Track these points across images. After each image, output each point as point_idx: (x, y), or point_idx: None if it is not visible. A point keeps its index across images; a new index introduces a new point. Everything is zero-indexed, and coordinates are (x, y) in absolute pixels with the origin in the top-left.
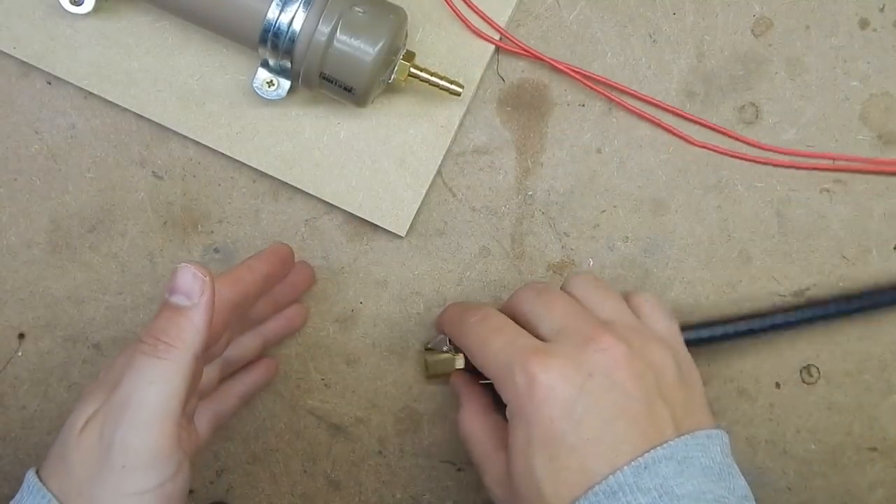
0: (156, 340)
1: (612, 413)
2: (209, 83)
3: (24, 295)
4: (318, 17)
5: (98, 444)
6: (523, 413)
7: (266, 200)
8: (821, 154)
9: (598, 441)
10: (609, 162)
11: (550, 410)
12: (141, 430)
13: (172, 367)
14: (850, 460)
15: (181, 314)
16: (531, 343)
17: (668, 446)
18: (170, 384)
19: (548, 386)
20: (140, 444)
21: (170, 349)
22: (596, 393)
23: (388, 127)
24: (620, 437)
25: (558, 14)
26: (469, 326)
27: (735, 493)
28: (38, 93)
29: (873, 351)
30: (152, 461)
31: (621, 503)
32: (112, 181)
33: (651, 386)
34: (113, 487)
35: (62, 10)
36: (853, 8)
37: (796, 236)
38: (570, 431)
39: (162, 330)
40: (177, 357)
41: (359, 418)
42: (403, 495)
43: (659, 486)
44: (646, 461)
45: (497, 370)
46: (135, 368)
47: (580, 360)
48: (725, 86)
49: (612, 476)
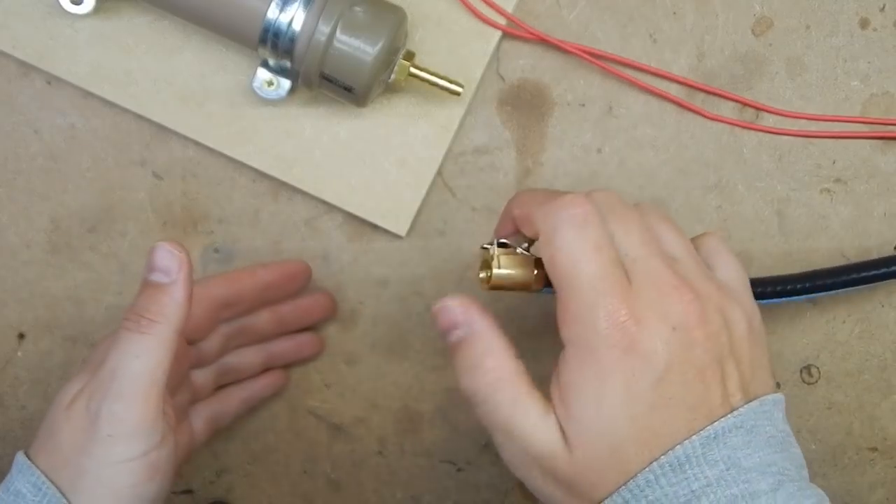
0: (138, 317)
1: (692, 373)
2: (209, 83)
3: (24, 295)
4: (318, 16)
5: (85, 416)
6: (598, 361)
7: (266, 200)
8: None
9: (678, 401)
10: (609, 162)
11: (634, 364)
12: (126, 400)
13: (155, 340)
14: (850, 460)
15: (161, 290)
16: (623, 283)
17: (739, 415)
18: (153, 356)
19: (632, 337)
20: (125, 414)
21: (152, 324)
22: (677, 350)
23: (388, 127)
24: (698, 399)
25: (558, 14)
26: (563, 225)
27: (794, 462)
28: (37, 93)
29: (873, 351)
30: (137, 430)
31: (688, 475)
32: (112, 181)
33: (724, 345)
34: (99, 457)
35: (62, 10)
36: (853, 8)
37: (797, 236)
38: (653, 390)
39: (143, 307)
40: (159, 331)
41: (359, 418)
42: (403, 495)
43: (727, 458)
44: (716, 430)
45: (577, 306)
46: (119, 344)
47: (664, 311)
48: (725, 86)
49: (681, 446)
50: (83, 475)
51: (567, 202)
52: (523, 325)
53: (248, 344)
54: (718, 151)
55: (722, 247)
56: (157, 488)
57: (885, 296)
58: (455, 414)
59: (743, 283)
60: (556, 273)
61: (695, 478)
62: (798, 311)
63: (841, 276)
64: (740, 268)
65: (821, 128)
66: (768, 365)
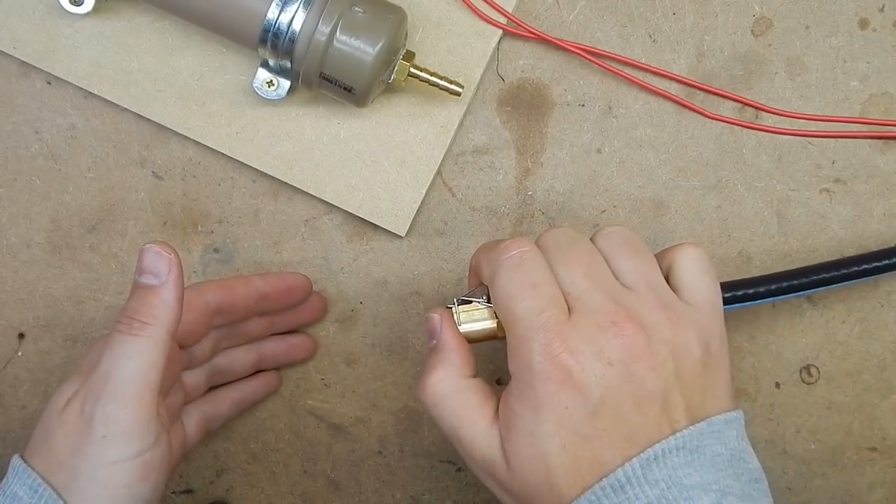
0: (130, 320)
1: (629, 405)
2: (209, 83)
3: (24, 295)
4: (318, 17)
5: (79, 418)
6: (534, 393)
7: (266, 200)
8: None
9: (612, 432)
10: (609, 162)
11: (566, 397)
12: (120, 402)
13: (148, 342)
14: (849, 460)
15: (152, 293)
16: (558, 316)
17: (680, 436)
18: (146, 358)
19: (566, 371)
20: (120, 414)
21: (144, 326)
22: (614, 383)
23: (388, 127)
24: (635, 429)
25: (558, 14)
26: (500, 269)
27: (742, 478)
28: (38, 93)
29: (873, 351)
30: (131, 430)
31: (629, 496)
32: (112, 181)
33: (670, 375)
34: (95, 458)
35: (62, 10)
36: (853, 8)
37: (796, 236)
38: (586, 421)
39: (135, 310)
40: (151, 333)
41: (359, 418)
42: (403, 495)
43: (668, 478)
44: (655, 452)
45: (516, 339)
46: (112, 346)
47: (601, 346)
48: (725, 86)
49: (621, 469)
50: (78, 476)
51: (505, 246)
52: None
53: (238, 344)
54: (718, 151)
55: (694, 265)
56: (151, 488)
57: (884, 296)
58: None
59: (711, 305)
60: (500, 312)
61: (636, 497)
62: (798, 311)
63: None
64: (710, 288)
65: (820, 128)
66: (726, 386)
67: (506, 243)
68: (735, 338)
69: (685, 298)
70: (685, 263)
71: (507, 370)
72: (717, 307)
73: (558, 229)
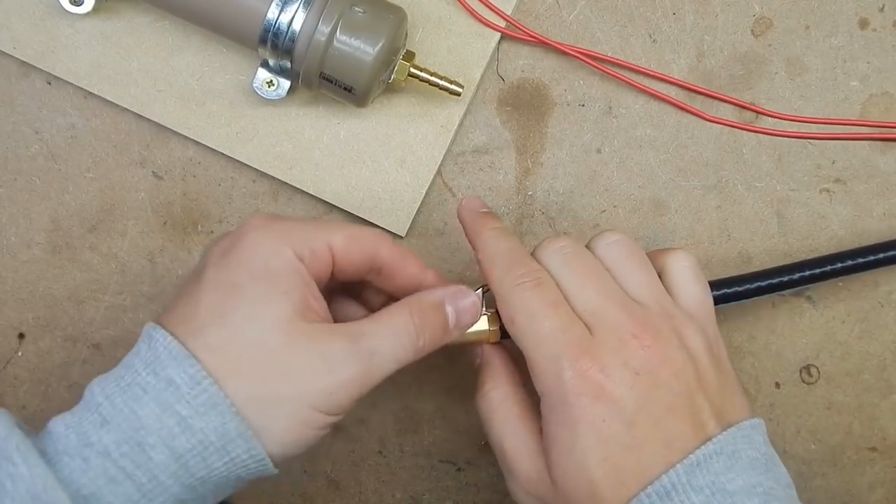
0: (424, 323)
1: (661, 411)
2: (209, 83)
3: (24, 295)
4: (318, 17)
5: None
6: (568, 411)
7: (266, 200)
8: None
9: (651, 440)
10: (609, 162)
11: (602, 411)
12: (361, 368)
13: (419, 348)
14: (849, 460)
15: (447, 328)
16: (582, 334)
17: (718, 441)
18: (406, 357)
19: (598, 385)
20: (349, 374)
21: (427, 337)
22: (644, 392)
23: (388, 127)
24: (672, 435)
25: (558, 14)
26: (517, 288)
27: (780, 482)
28: (38, 93)
29: (873, 351)
30: (346, 393)
31: (675, 503)
32: (112, 181)
33: (691, 378)
34: (292, 385)
35: (62, 10)
36: (853, 8)
37: (796, 236)
38: (624, 432)
39: (430, 321)
40: (421, 348)
41: (359, 418)
42: (403, 495)
43: (711, 484)
44: (697, 458)
45: (542, 359)
46: (395, 326)
47: (626, 358)
48: (725, 86)
49: (665, 476)
50: (271, 396)
51: (519, 272)
52: None
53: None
54: (718, 151)
55: (687, 273)
56: (313, 441)
57: (884, 296)
58: (455, 414)
59: (706, 310)
60: (517, 332)
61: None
62: (798, 311)
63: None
64: (704, 293)
65: (820, 130)
66: (738, 387)
67: (516, 267)
68: (735, 338)
69: (681, 305)
70: (678, 271)
71: None
72: (711, 313)
73: (557, 241)
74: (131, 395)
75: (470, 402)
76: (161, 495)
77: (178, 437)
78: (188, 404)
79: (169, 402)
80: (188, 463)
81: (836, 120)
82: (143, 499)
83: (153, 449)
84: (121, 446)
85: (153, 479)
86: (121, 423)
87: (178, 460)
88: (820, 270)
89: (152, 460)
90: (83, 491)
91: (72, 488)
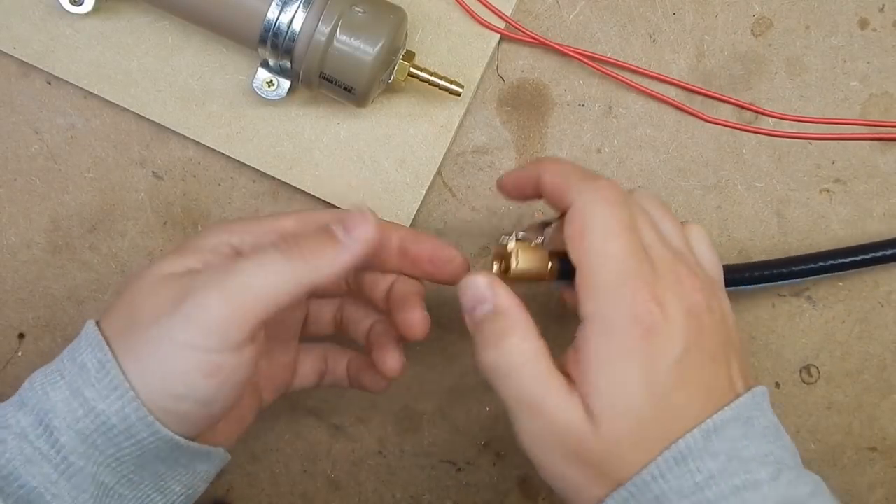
0: (298, 248)
1: (705, 358)
2: (209, 83)
3: (24, 295)
4: (318, 17)
5: (179, 289)
6: (622, 339)
7: (266, 200)
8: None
9: (697, 383)
10: (609, 162)
11: (655, 343)
12: (225, 297)
13: (295, 277)
14: (850, 460)
15: (335, 245)
16: (648, 265)
17: (735, 407)
18: (283, 288)
19: (656, 319)
20: (214, 305)
21: (304, 264)
22: (693, 333)
23: (388, 127)
24: (712, 383)
25: (558, 14)
26: (598, 201)
27: (788, 450)
28: (38, 93)
29: (873, 351)
30: (216, 325)
31: (690, 468)
32: (112, 181)
33: (726, 333)
34: (167, 330)
35: (62, 10)
36: (853, 8)
37: (796, 236)
38: (672, 369)
39: (309, 246)
40: (303, 273)
41: (359, 418)
42: (403, 495)
43: (728, 450)
44: (714, 423)
45: (605, 281)
46: (261, 256)
47: (681, 296)
48: (725, 86)
49: (682, 440)
50: (145, 343)
51: (605, 183)
52: None
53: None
54: (718, 151)
55: (705, 242)
56: (209, 391)
57: (884, 296)
58: (455, 414)
59: (721, 279)
60: (584, 247)
61: (697, 470)
62: (798, 311)
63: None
64: (718, 264)
65: (819, 130)
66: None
67: (602, 180)
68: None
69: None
70: (697, 240)
71: None
72: (722, 284)
73: (608, 182)
74: (49, 379)
75: (470, 402)
76: (76, 475)
77: (82, 420)
78: (94, 388)
79: (78, 386)
80: (96, 443)
81: (836, 120)
82: (60, 478)
83: (59, 431)
84: (35, 428)
85: (65, 460)
86: (34, 406)
87: (85, 441)
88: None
89: (59, 441)
90: (2, 471)
91: None
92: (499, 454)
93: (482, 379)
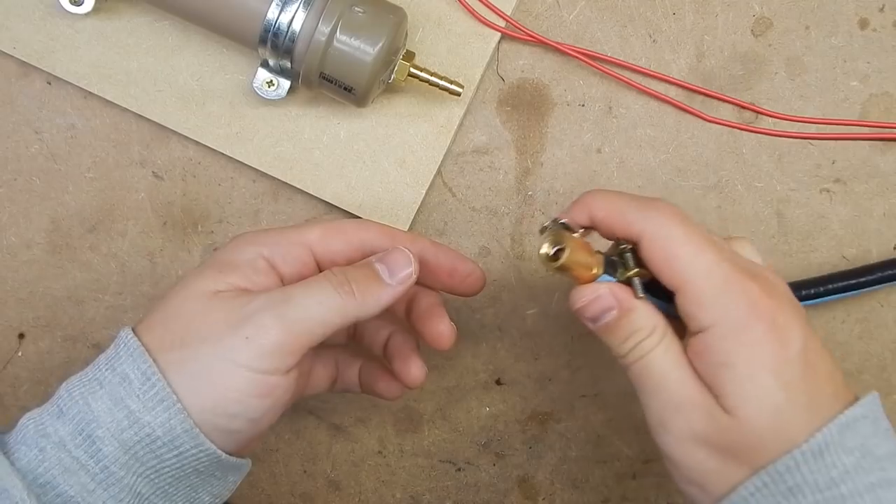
0: (349, 285)
1: (818, 346)
2: (209, 83)
3: (24, 295)
4: (318, 17)
5: (234, 312)
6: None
7: (266, 200)
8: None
9: (820, 371)
10: (609, 162)
11: (779, 334)
12: (284, 323)
13: (345, 308)
14: None
15: (381, 285)
16: (744, 271)
17: (863, 404)
18: (335, 318)
19: (773, 311)
20: (273, 330)
21: (354, 296)
22: (805, 326)
23: (388, 127)
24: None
25: (558, 14)
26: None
27: None
28: (38, 93)
29: (873, 351)
30: (276, 349)
31: (826, 463)
32: (112, 181)
33: None
34: (225, 351)
35: (62, 10)
36: (853, 8)
37: (796, 236)
38: (798, 358)
39: (364, 286)
40: (354, 307)
41: (359, 418)
42: (403, 495)
43: (861, 446)
44: (847, 418)
45: (713, 288)
46: (312, 289)
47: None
48: (725, 86)
49: (819, 433)
50: (196, 360)
51: (663, 204)
52: (523, 326)
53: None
54: (718, 151)
55: (756, 253)
56: (258, 411)
57: (884, 296)
58: (455, 414)
59: None
60: (678, 269)
61: (833, 465)
62: None
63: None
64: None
65: (819, 130)
66: None
67: (660, 201)
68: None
69: None
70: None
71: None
72: None
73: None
74: (88, 388)
75: (470, 402)
76: (115, 485)
77: (126, 431)
78: (138, 399)
79: (121, 397)
80: (138, 454)
81: (836, 120)
82: (98, 487)
83: (102, 441)
84: (75, 437)
85: (105, 470)
86: (75, 415)
87: (128, 452)
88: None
89: (101, 451)
90: (39, 480)
91: (29, 477)
92: (499, 454)
93: (482, 379)
